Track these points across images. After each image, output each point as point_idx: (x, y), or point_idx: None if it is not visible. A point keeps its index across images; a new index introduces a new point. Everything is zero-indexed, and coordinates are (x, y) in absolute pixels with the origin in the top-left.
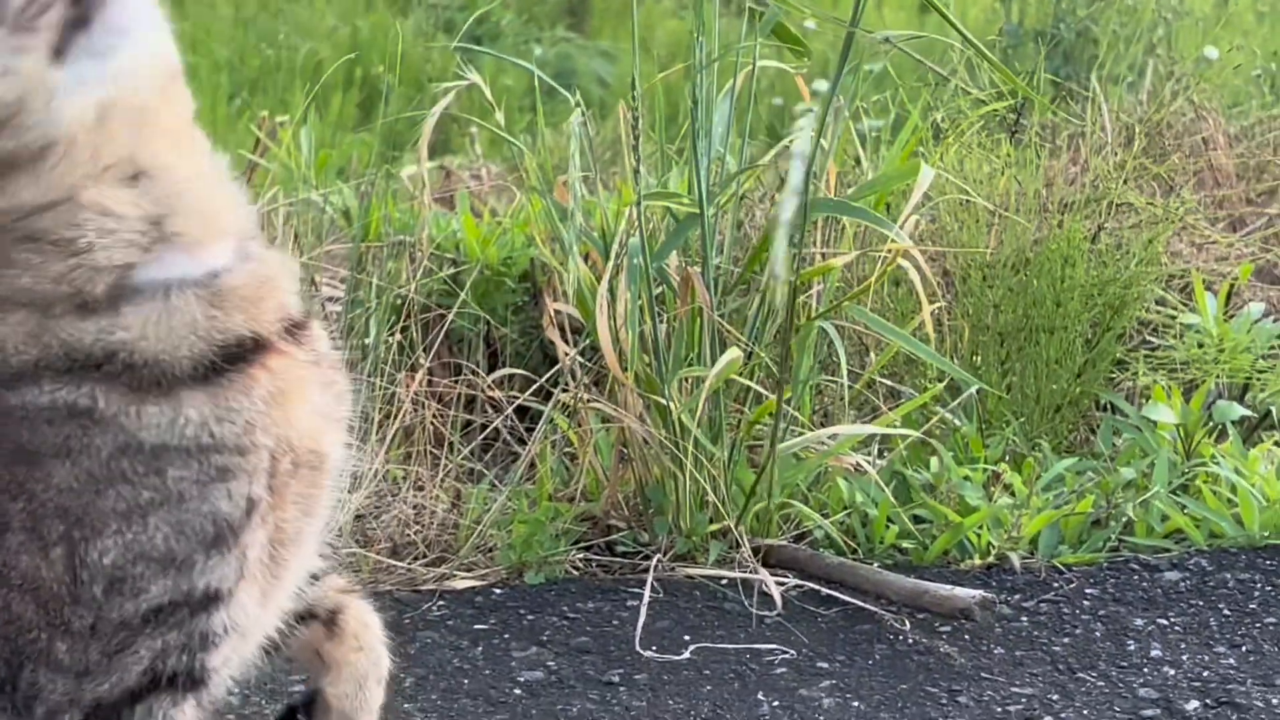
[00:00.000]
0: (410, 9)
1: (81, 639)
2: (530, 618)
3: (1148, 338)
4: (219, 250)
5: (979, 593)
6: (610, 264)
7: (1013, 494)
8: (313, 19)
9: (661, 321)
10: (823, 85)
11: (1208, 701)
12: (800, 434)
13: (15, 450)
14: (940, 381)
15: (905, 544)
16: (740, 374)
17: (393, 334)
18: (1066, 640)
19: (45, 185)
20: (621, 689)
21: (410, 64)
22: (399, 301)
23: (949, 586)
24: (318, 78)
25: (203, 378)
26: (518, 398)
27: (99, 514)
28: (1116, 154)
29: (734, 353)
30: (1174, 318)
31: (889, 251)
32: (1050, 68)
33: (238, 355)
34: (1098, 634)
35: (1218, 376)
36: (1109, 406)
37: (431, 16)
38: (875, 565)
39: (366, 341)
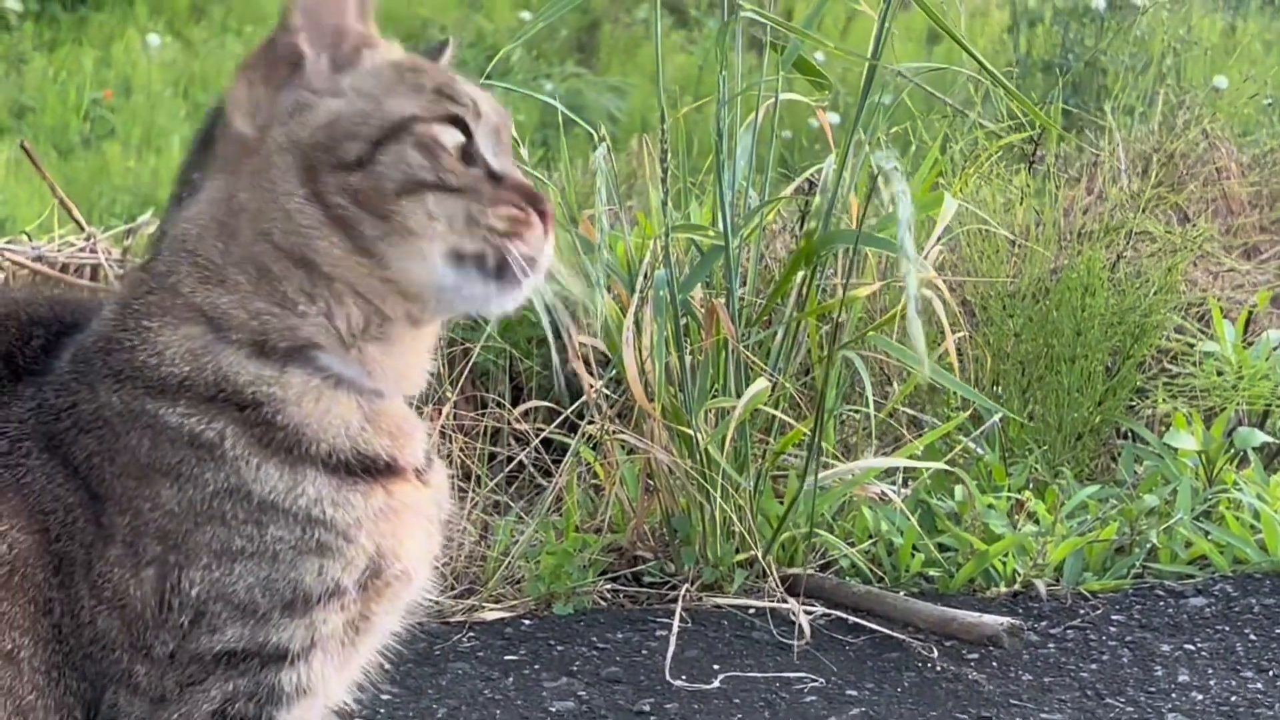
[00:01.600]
0: (420, 46)
1: (159, 665)
2: (560, 648)
3: (1166, 366)
4: (392, 384)
5: (1007, 620)
6: (635, 296)
7: (1036, 522)
8: None
9: (687, 353)
10: (833, 117)
11: None
12: (828, 464)
13: (130, 461)
14: (963, 410)
15: (931, 572)
16: (765, 404)
17: None
18: (1094, 666)
19: (368, 270)
20: (653, 718)
21: None
22: None
23: (976, 614)
24: None
25: (332, 469)
26: (543, 430)
27: (194, 545)
28: (1132, 183)
29: (761, 383)
30: (1193, 346)
31: None
32: (1049, 110)
33: (370, 469)
34: (1125, 660)
35: (1238, 404)
36: (1130, 434)
37: None
38: (901, 593)
39: None
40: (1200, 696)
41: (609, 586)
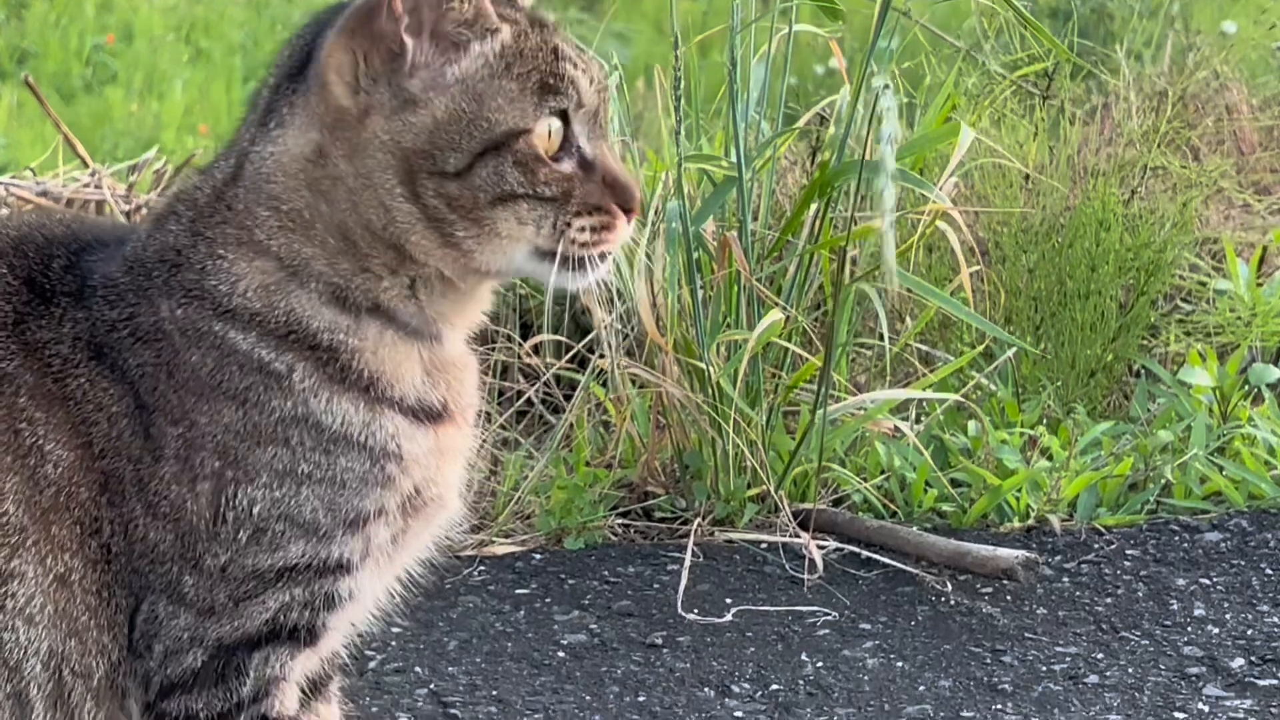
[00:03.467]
0: None
1: (209, 577)
2: (571, 582)
3: (1179, 303)
4: (454, 328)
5: (1022, 553)
6: (647, 229)
7: (1050, 458)
8: (326, 0)
9: (699, 287)
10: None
11: (1252, 659)
12: (839, 398)
13: (190, 377)
14: (976, 346)
15: (944, 507)
16: (778, 338)
17: None
18: (1109, 600)
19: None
20: (665, 651)
21: None
22: None
23: (991, 547)
24: None
25: (403, 411)
26: (554, 364)
27: (254, 463)
28: (1145, 121)
29: (775, 315)
30: (1205, 284)
31: (928, 213)
32: (1066, 43)
33: (427, 415)
34: (1140, 594)
35: (1251, 341)
36: (1143, 371)
37: None
38: (914, 528)
39: None
40: (1216, 630)
41: (620, 522)
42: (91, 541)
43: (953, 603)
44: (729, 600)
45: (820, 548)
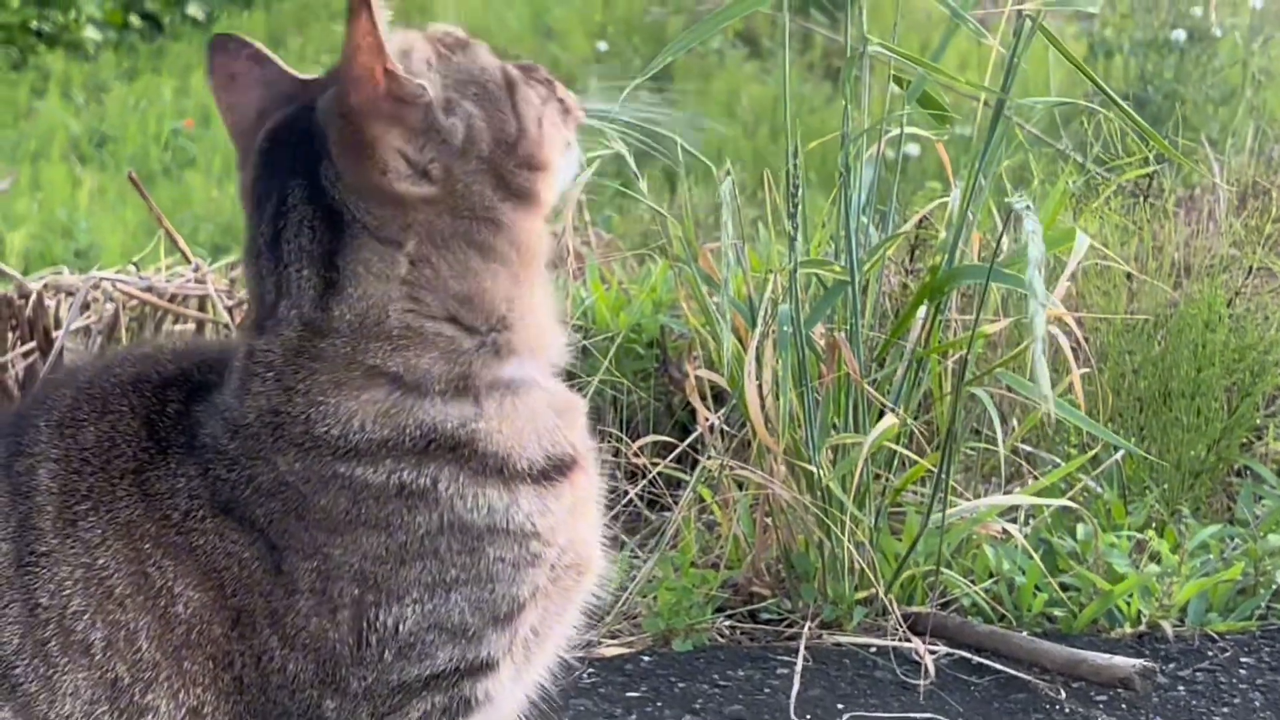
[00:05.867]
0: None
1: (353, 699)
2: (681, 685)
3: None
4: (547, 368)
5: (1139, 662)
6: (757, 331)
7: (1158, 561)
8: None
9: (812, 389)
10: (913, 148)
11: None
12: (952, 503)
13: (323, 518)
14: (1086, 448)
15: (1054, 611)
16: (887, 440)
17: None
18: (1226, 710)
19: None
20: None
21: None
22: None
23: (1107, 655)
24: None
25: (535, 480)
26: (658, 463)
27: (401, 582)
28: (1239, 216)
29: (890, 420)
30: None
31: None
32: (1136, 132)
33: (561, 468)
34: (1257, 704)
35: None
36: (1246, 472)
37: None
38: (1025, 633)
39: None
40: None
41: (726, 623)
42: (224, 675)
43: (1067, 711)
44: (840, 706)
45: (931, 652)
